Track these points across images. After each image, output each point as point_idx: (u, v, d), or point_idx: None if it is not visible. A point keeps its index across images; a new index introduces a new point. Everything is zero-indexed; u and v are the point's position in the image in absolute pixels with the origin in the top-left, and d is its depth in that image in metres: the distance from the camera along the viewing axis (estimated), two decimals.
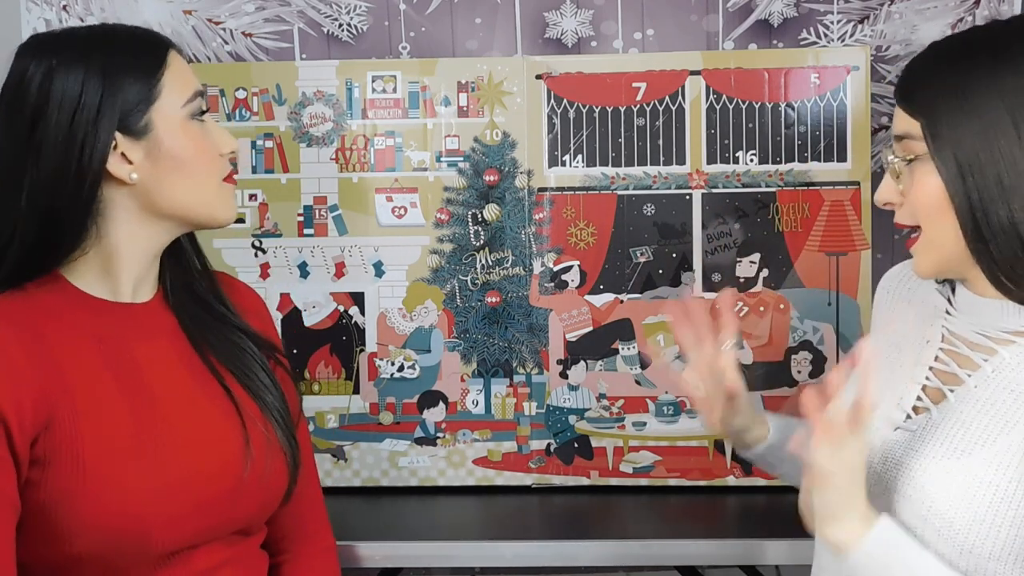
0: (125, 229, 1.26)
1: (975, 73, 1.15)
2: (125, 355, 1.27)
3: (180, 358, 1.31)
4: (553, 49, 1.96)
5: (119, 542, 1.19)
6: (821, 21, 1.95)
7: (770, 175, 1.86)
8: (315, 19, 1.97)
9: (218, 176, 1.30)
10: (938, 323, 1.27)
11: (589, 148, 1.87)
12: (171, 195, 1.26)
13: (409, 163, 1.89)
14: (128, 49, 1.25)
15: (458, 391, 1.89)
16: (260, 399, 1.34)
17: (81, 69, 1.21)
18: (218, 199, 1.30)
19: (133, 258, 1.28)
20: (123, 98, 1.22)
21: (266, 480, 1.32)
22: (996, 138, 1.12)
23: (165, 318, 1.33)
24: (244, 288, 1.49)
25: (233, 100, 1.89)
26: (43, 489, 1.18)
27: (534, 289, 1.88)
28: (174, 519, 1.22)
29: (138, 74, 1.23)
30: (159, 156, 1.24)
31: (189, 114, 1.27)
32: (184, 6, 1.97)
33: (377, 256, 1.89)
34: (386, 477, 1.90)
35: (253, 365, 1.36)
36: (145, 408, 1.25)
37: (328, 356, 1.90)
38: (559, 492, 1.89)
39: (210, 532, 1.27)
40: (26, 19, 1.96)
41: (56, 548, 1.19)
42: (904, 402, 1.24)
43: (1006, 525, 1.11)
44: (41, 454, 1.18)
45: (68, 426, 1.19)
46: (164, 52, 1.27)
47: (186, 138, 1.26)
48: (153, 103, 1.24)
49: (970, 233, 1.15)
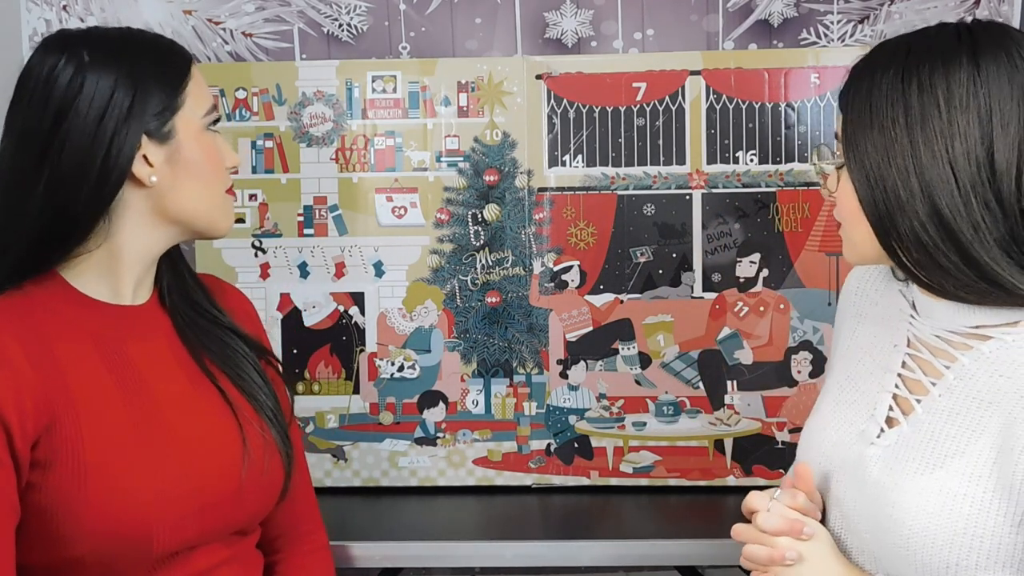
0: (132, 231, 1.27)
1: (885, 84, 1.14)
2: (124, 356, 1.27)
3: (176, 360, 1.32)
4: (553, 49, 1.96)
5: (120, 545, 1.19)
6: (821, 21, 1.95)
7: (770, 175, 1.86)
8: (315, 19, 1.97)
9: (223, 186, 1.33)
10: (903, 326, 1.25)
11: (589, 148, 1.87)
12: (182, 200, 1.29)
13: (409, 163, 1.89)
14: (158, 57, 1.29)
15: (458, 391, 1.89)
16: (254, 399, 1.35)
17: (114, 69, 1.23)
18: (221, 208, 1.33)
19: (136, 260, 1.29)
20: (152, 103, 1.25)
21: (264, 479, 1.33)
22: (894, 153, 1.12)
23: (161, 320, 1.34)
24: (232, 291, 1.50)
25: (233, 100, 1.89)
26: (44, 492, 1.18)
27: (534, 289, 1.88)
28: (176, 521, 1.22)
29: (166, 82, 1.27)
30: (178, 161, 1.27)
31: (207, 124, 1.31)
32: (184, 6, 1.97)
33: (377, 256, 1.89)
34: (386, 477, 1.90)
35: (245, 366, 1.37)
36: (145, 410, 1.25)
37: (328, 356, 1.90)
38: (559, 492, 1.89)
39: (211, 533, 1.28)
40: (26, 19, 1.96)
41: (57, 551, 1.19)
42: (877, 413, 1.23)
43: (987, 535, 1.10)
44: (42, 457, 1.18)
45: (69, 428, 1.19)
46: (188, 64, 1.31)
47: (202, 147, 1.30)
48: (178, 111, 1.27)
49: (881, 239, 1.16)
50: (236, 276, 1.88)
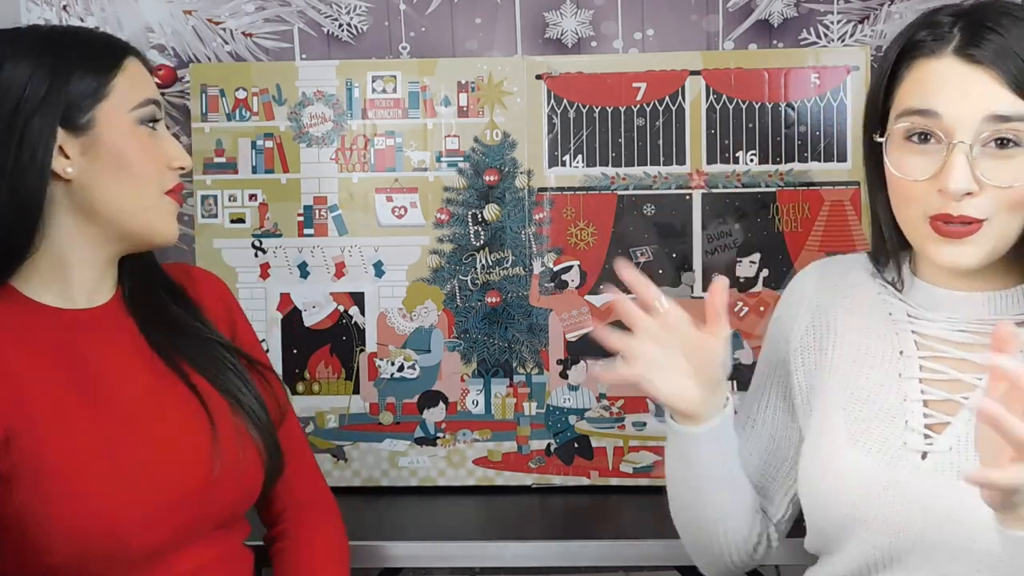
0: (68, 232, 1.25)
1: None
2: (82, 362, 1.25)
3: (140, 359, 1.30)
4: (553, 49, 1.96)
5: (94, 549, 1.19)
6: (821, 21, 1.95)
7: (770, 175, 1.86)
8: (315, 19, 1.97)
9: (160, 186, 1.28)
10: (904, 329, 1.23)
11: (589, 148, 1.87)
12: (108, 196, 1.25)
13: (409, 163, 1.89)
14: (85, 48, 1.25)
15: (458, 391, 1.89)
16: (228, 394, 1.33)
17: (33, 60, 1.21)
18: (157, 210, 1.28)
19: (81, 264, 1.27)
20: (69, 92, 1.21)
21: (239, 473, 1.31)
22: None
23: (123, 320, 1.31)
24: (204, 278, 1.46)
25: (233, 100, 1.89)
26: (9, 504, 1.17)
27: (534, 289, 1.88)
28: (146, 520, 1.22)
29: (89, 71, 1.23)
30: (98, 153, 1.23)
31: (137, 119, 1.26)
32: (184, 6, 1.97)
33: (377, 256, 1.89)
34: (386, 477, 1.90)
35: (220, 362, 1.35)
36: (106, 413, 1.24)
37: (328, 356, 1.90)
38: (559, 492, 1.89)
39: (187, 530, 1.26)
40: (26, 19, 1.95)
41: (33, 560, 1.19)
42: (912, 423, 1.18)
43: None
44: (3, 471, 1.17)
45: (27, 440, 1.18)
46: (122, 56, 1.27)
47: (130, 140, 1.25)
48: (100, 101, 1.23)
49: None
50: (236, 276, 1.88)
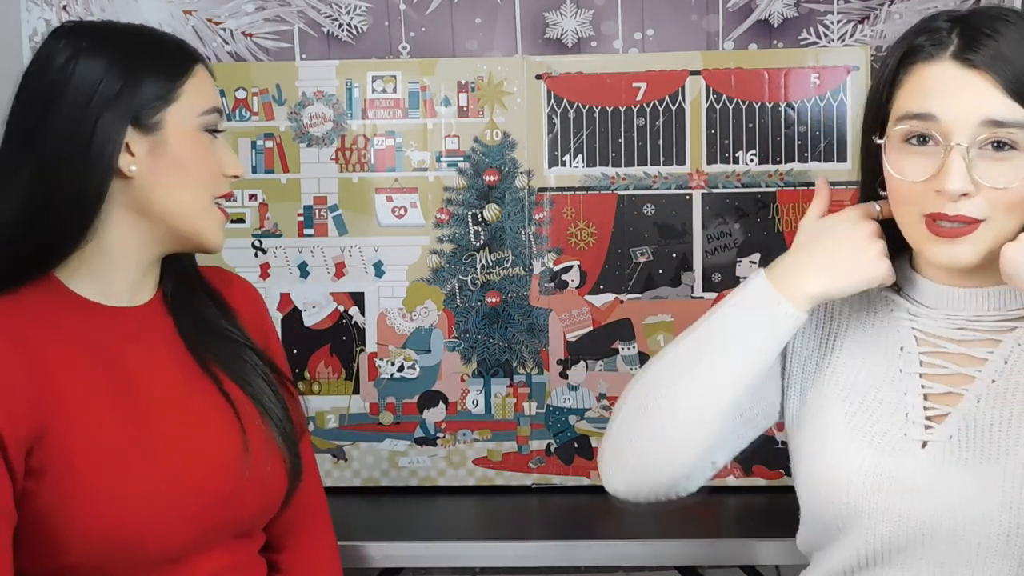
0: (119, 228, 1.25)
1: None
2: (119, 360, 1.26)
3: (176, 362, 1.31)
4: (553, 49, 1.96)
5: (115, 550, 1.19)
6: (821, 21, 1.95)
7: (770, 175, 1.86)
8: (315, 19, 1.97)
9: (212, 192, 1.29)
10: (904, 326, 1.24)
11: (589, 148, 1.87)
12: (164, 197, 1.25)
13: (409, 163, 1.89)
14: (159, 50, 1.27)
15: (458, 391, 1.89)
16: (259, 403, 1.34)
17: (108, 56, 1.22)
18: (206, 215, 1.29)
19: (126, 261, 1.27)
20: (142, 93, 1.22)
21: (265, 482, 1.32)
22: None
23: (162, 321, 1.32)
24: (239, 284, 1.47)
25: (233, 100, 1.89)
26: (39, 499, 1.17)
27: (534, 289, 1.88)
28: (170, 524, 1.22)
29: (162, 74, 1.24)
30: (162, 155, 1.24)
31: (202, 125, 1.27)
32: (184, 6, 1.97)
33: (377, 256, 1.89)
34: (386, 477, 1.90)
35: (251, 368, 1.35)
36: (139, 414, 1.24)
37: (328, 356, 1.90)
38: (559, 492, 1.88)
39: (208, 536, 1.27)
40: (26, 19, 1.96)
41: (53, 557, 1.18)
42: (912, 416, 1.20)
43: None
44: (36, 465, 1.17)
45: (62, 435, 1.18)
46: (192, 62, 1.28)
47: (192, 146, 1.26)
48: (170, 104, 1.24)
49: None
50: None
